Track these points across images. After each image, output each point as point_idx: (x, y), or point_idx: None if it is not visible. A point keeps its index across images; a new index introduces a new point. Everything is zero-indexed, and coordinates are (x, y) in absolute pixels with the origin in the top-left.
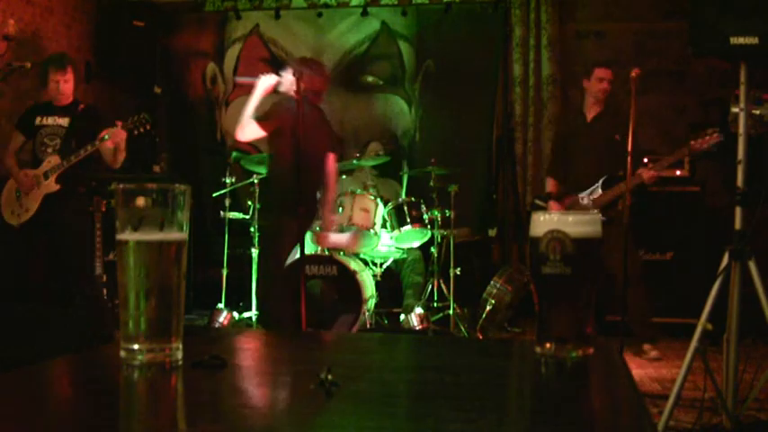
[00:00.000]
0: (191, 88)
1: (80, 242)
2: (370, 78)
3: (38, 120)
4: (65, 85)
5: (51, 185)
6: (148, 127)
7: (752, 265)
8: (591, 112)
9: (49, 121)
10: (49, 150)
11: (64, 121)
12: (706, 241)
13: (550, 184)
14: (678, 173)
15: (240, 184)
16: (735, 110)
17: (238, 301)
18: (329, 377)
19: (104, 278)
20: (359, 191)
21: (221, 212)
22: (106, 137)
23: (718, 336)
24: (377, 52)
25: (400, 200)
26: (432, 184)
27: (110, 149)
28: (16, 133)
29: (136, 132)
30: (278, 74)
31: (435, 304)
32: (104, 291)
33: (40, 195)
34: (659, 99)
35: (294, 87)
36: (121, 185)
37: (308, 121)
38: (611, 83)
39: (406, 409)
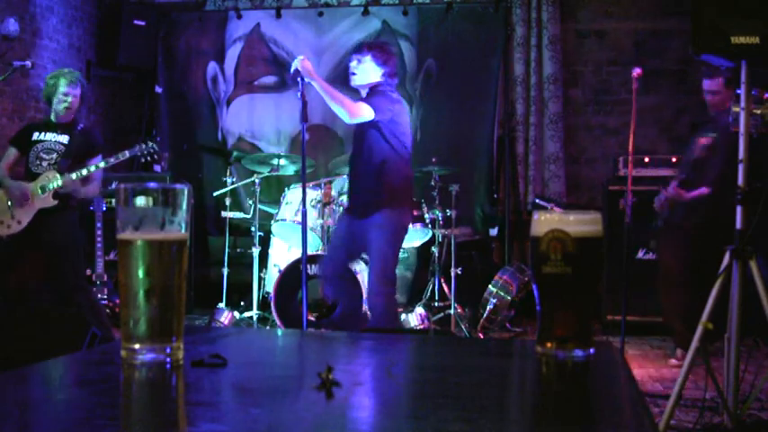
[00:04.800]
0: (191, 88)
1: (73, 256)
2: None
3: (35, 135)
4: (74, 100)
5: (48, 200)
6: (156, 157)
7: (753, 265)
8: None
9: (48, 137)
10: (45, 165)
11: (63, 139)
12: None
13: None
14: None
15: (241, 184)
16: (736, 109)
17: (239, 300)
18: (330, 377)
19: (105, 278)
20: None
21: (222, 212)
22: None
23: (717, 336)
24: None
25: None
26: (433, 183)
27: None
28: (11, 149)
29: (143, 160)
30: None
31: (436, 304)
32: (105, 290)
33: (35, 209)
34: (660, 99)
35: None
36: (123, 185)
37: None
38: (715, 94)
39: (406, 408)
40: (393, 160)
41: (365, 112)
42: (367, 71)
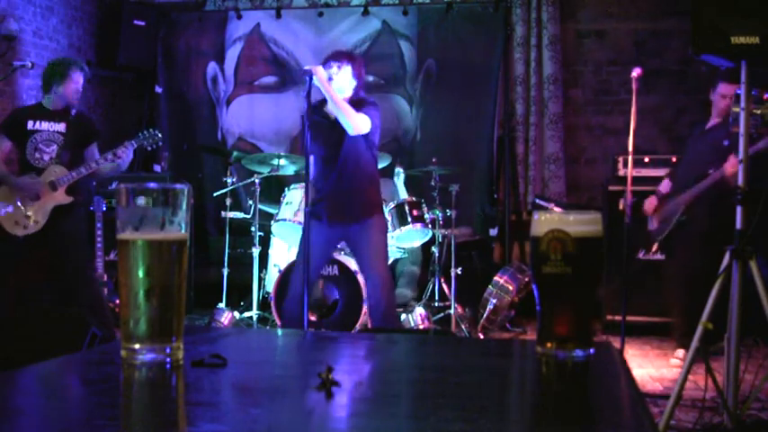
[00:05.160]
0: (191, 88)
1: (79, 251)
2: (370, 78)
3: (30, 124)
4: (80, 87)
5: (62, 197)
6: (159, 144)
7: (753, 265)
8: (710, 123)
9: (44, 126)
10: (46, 158)
11: (60, 127)
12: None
13: (664, 185)
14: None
15: (241, 184)
16: (736, 109)
17: (239, 300)
18: (330, 377)
19: (105, 278)
20: None
21: (222, 212)
22: (112, 155)
23: (717, 336)
24: (378, 52)
25: (401, 199)
26: (433, 183)
27: (113, 166)
28: (3, 139)
29: (149, 149)
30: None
31: (436, 304)
32: (105, 290)
33: (51, 206)
34: (660, 99)
35: None
36: (123, 185)
37: None
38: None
39: (406, 409)
40: (375, 167)
41: (365, 125)
42: (343, 81)
